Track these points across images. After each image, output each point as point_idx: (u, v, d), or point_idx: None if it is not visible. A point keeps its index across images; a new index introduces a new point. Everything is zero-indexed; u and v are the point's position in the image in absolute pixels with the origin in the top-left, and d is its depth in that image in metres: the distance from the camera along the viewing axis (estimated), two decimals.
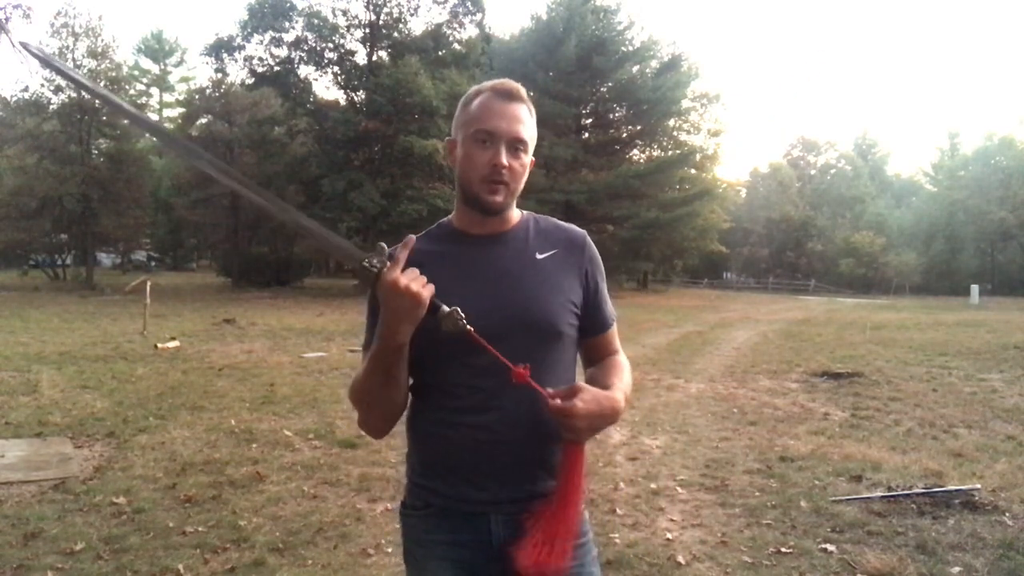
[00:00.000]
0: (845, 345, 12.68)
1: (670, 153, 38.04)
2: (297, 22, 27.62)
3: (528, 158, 1.35)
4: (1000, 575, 3.21)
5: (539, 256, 1.36)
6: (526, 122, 1.33)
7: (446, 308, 1.15)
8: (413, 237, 1.22)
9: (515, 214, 1.42)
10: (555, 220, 1.47)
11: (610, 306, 1.47)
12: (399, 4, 27.82)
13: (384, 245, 1.14)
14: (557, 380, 1.31)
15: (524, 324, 1.29)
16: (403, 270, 1.16)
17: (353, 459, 4.93)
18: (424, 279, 1.15)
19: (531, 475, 1.32)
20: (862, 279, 45.51)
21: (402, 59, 25.85)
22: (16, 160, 28.55)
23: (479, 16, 28.53)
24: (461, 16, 28.61)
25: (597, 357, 1.44)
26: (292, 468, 4.73)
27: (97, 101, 28.85)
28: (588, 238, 1.44)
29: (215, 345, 11.10)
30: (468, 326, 1.17)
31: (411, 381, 1.35)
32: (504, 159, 1.28)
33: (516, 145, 1.31)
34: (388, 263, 1.12)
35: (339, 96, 29.65)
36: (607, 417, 1.23)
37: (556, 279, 1.36)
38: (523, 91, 1.35)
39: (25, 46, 1.22)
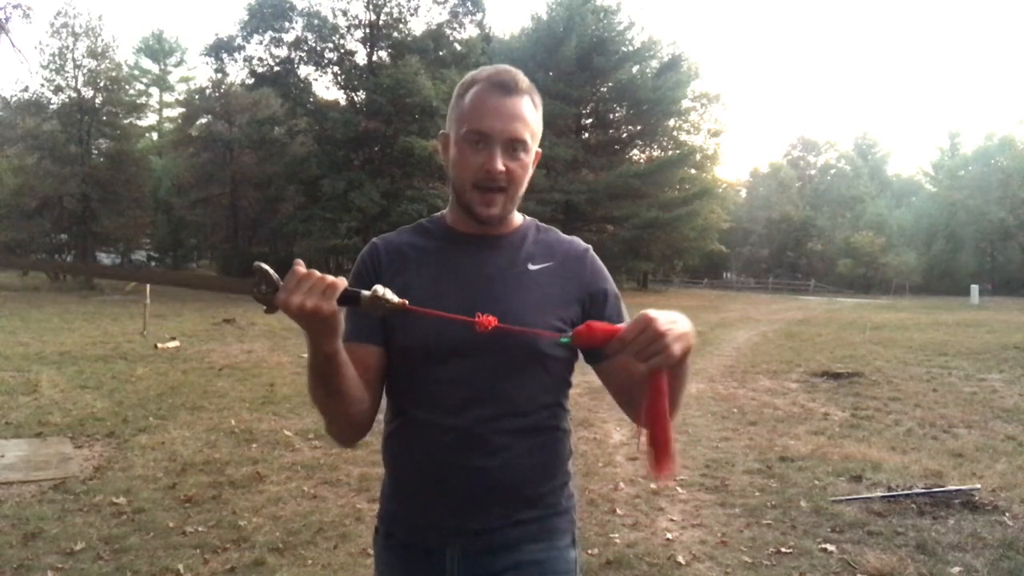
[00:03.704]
0: (845, 345, 12.68)
1: (670, 153, 38.07)
2: (297, 22, 27.62)
3: (530, 156, 1.21)
4: (1000, 575, 3.21)
5: (532, 267, 1.24)
6: (527, 118, 1.18)
7: (366, 293, 1.01)
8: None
9: (516, 217, 1.29)
10: (558, 232, 1.33)
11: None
12: (399, 4, 27.83)
13: (262, 265, 1.00)
14: (533, 406, 1.21)
15: (499, 339, 1.12)
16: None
17: (353, 459, 4.93)
18: (324, 285, 0.98)
19: (494, 502, 1.19)
20: (862, 279, 45.52)
21: (402, 59, 25.87)
22: (16, 160, 28.58)
23: (479, 16, 28.58)
24: (461, 16, 28.63)
25: (629, 379, 1.19)
26: (292, 468, 4.73)
27: (97, 101, 28.96)
28: (591, 252, 1.30)
29: (215, 345, 11.10)
30: (397, 300, 1.02)
31: (390, 396, 1.26)
32: (499, 163, 1.15)
33: (514, 145, 1.17)
34: (277, 285, 0.99)
35: (339, 96, 29.68)
36: (686, 326, 1.01)
37: (547, 293, 1.23)
38: (523, 80, 1.19)
39: None
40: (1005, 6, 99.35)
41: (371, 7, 27.49)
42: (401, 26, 28.24)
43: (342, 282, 0.99)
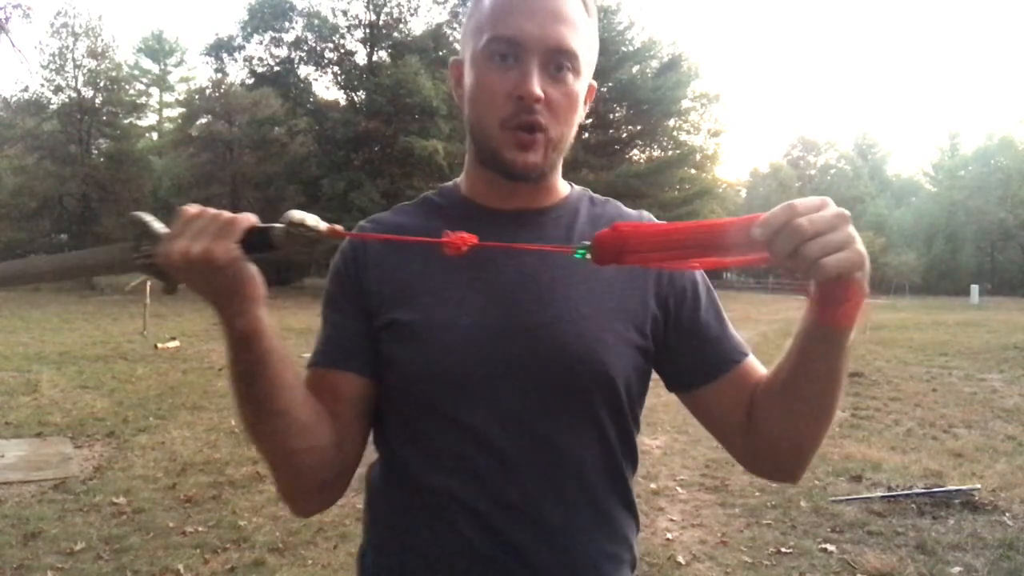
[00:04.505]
0: None
1: (670, 153, 38.13)
2: (297, 22, 27.72)
3: (581, 83, 0.82)
4: (1000, 575, 3.21)
5: (561, 246, 0.85)
6: (575, 23, 0.80)
7: (279, 226, 0.72)
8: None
9: (561, 186, 0.91)
10: (620, 205, 0.95)
11: (734, 332, 0.92)
12: (399, 4, 27.91)
13: (140, 215, 0.76)
14: (603, 461, 0.85)
15: (550, 362, 0.81)
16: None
17: None
18: (220, 223, 0.70)
19: None
20: None
21: (402, 59, 25.91)
22: (16, 160, 28.65)
23: None
24: (461, 16, 28.66)
25: (739, 405, 0.85)
26: None
27: (98, 101, 29.01)
28: None
29: (215, 345, 11.09)
30: (325, 226, 0.72)
31: (385, 451, 0.90)
32: (536, 86, 0.77)
33: (558, 60, 0.79)
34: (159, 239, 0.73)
35: (339, 96, 29.75)
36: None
37: (614, 291, 0.85)
38: None
39: None
40: (1005, 6, 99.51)
41: (371, 7, 27.54)
42: (401, 26, 28.33)
43: (248, 219, 0.71)
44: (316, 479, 0.83)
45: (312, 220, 0.71)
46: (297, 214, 0.71)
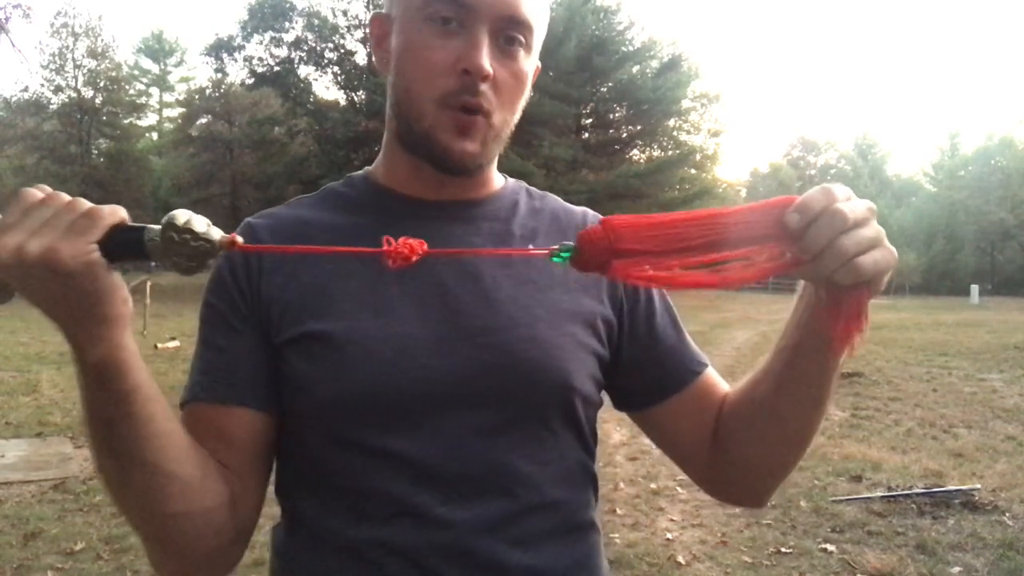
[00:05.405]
0: None
1: (670, 153, 38.16)
2: (297, 22, 27.73)
3: (531, 62, 0.73)
4: (1000, 575, 3.21)
5: (533, 249, 0.70)
6: None
7: (154, 228, 0.56)
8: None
9: (496, 177, 0.80)
10: (558, 199, 0.84)
11: (691, 340, 0.82)
12: None
13: None
14: (566, 488, 0.73)
15: (504, 374, 0.69)
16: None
17: None
18: (74, 215, 0.53)
19: None
20: None
21: None
22: (16, 160, 28.70)
23: None
24: None
25: (701, 423, 0.77)
26: None
27: (98, 101, 29.04)
28: None
29: None
30: (220, 235, 0.57)
31: (290, 498, 0.78)
32: (485, 59, 0.66)
33: (510, 32, 0.68)
34: None
35: (339, 96, 29.75)
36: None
37: (567, 293, 0.73)
38: None
39: None
40: (1005, 6, 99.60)
41: (371, 7, 27.53)
42: None
43: (115, 212, 0.54)
44: (203, 549, 0.67)
45: (201, 225, 0.55)
46: (182, 215, 0.55)
